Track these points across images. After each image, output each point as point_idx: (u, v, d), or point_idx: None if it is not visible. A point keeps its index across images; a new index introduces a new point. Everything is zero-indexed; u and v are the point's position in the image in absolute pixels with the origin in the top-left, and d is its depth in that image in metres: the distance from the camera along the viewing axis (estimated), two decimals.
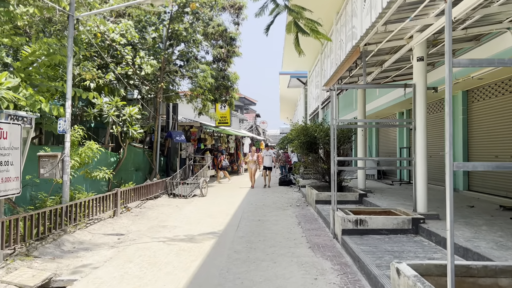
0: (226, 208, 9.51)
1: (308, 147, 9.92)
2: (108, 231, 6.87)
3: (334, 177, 6.09)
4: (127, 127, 10.57)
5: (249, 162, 14.28)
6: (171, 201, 10.75)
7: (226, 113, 19.27)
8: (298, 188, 13.59)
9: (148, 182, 11.22)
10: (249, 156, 14.62)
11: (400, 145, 13.71)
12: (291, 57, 20.54)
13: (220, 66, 16.87)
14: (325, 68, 16.22)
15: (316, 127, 9.97)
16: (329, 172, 10.09)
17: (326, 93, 15.76)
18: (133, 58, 11.81)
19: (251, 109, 44.60)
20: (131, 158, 12.31)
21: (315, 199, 8.77)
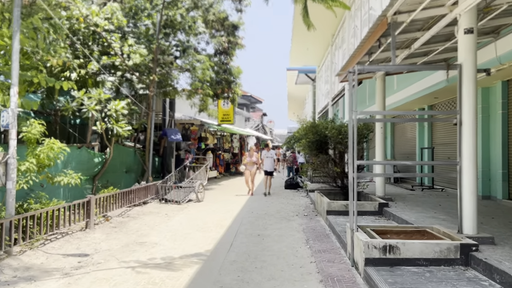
0: (222, 217, 8.17)
1: (317, 146, 8.52)
2: (71, 251, 5.57)
3: (354, 186, 4.70)
4: (112, 124, 9.32)
5: (247, 164, 12.03)
6: (161, 208, 9.45)
7: (229, 111, 17.94)
8: (305, 192, 12.18)
9: (137, 185, 9.93)
10: (246, 157, 12.27)
11: (421, 145, 12.23)
12: (299, 51, 19.14)
13: (222, 60, 15.58)
14: (335, 61, 14.80)
15: (326, 124, 8.57)
16: (342, 177, 8.69)
17: (337, 88, 14.35)
18: (121, 47, 10.54)
19: (258, 108, 43.25)
20: (120, 158, 11.05)
21: (326, 208, 7.37)
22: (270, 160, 12.22)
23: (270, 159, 12.22)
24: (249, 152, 12.26)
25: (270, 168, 12.23)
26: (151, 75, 11.07)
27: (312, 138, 8.26)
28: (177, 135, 12.08)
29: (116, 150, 10.71)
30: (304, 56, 20.44)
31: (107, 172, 10.42)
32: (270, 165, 12.20)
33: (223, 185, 15.57)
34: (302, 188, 13.56)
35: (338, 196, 9.18)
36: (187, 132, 17.00)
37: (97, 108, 8.83)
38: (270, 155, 12.30)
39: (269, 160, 12.20)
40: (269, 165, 12.19)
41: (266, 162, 12.20)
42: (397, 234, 4.88)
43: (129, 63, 10.07)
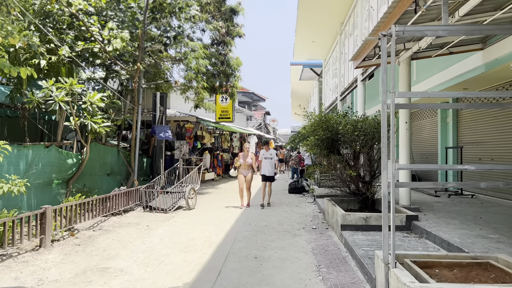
0: (214, 230, 6.76)
1: (328, 145, 7.09)
2: (4, 283, 4.18)
3: (392, 203, 3.28)
4: (86, 119, 7.96)
5: (241, 168, 9.49)
6: (143, 218, 8.05)
7: (228, 107, 16.54)
8: (313, 198, 10.75)
9: (116, 191, 8.55)
10: (239, 158, 9.52)
11: (444, 144, 10.75)
12: (303, 44, 17.70)
13: (219, 50, 14.18)
14: (345, 50, 13.34)
15: (339, 118, 7.14)
16: (357, 181, 7.25)
17: (347, 81, 12.88)
18: (100, 31, 9.18)
19: (260, 106, 41.82)
20: (101, 159, 9.68)
21: (340, 222, 5.94)
22: (269, 162, 9.72)
23: (270, 161, 9.72)
24: (243, 153, 9.55)
25: (270, 172, 9.72)
26: (137, 63, 9.68)
27: (322, 135, 6.83)
28: (167, 133, 10.70)
29: (94, 150, 9.35)
30: (309, 49, 18.97)
31: (84, 174, 9.06)
32: (269, 168, 9.73)
33: (221, 189, 14.16)
34: (308, 192, 12.13)
35: (352, 204, 7.76)
36: (182, 130, 15.64)
37: (67, 100, 7.46)
38: (269, 156, 9.76)
39: (268, 162, 9.72)
40: (268, 168, 9.73)
41: (264, 165, 9.75)
42: (449, 268, 3.45)
43: (109, 49, 8.68)
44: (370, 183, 7.43)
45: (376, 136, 6.97)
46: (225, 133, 18.77)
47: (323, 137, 6.85)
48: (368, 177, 7.55)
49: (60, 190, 8.53)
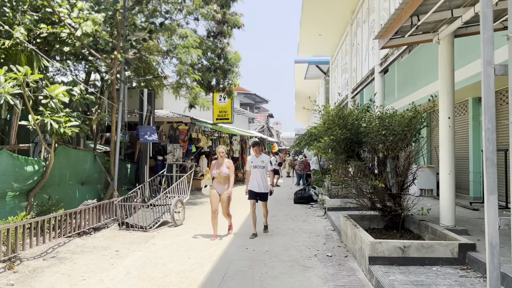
0: (199, 259, 5.20)
1: (346, 148, 5.53)
2: None
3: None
4: (46, 117, 6.47)
5: (214, 181, 6.60)
6: (116, 239, 6.51)
7: (227, 107, 15.03)
8: (323, 210, 9.16)
9: (86, 204, 7.03)
10: (212, 168, 6.62)
11: (478, 147, 9.15)
12: (309, 38, 16.19)
13: (216, 43, 12.70)
14: (358, 41, 11.80)
15: (362, 112, 5.57)
16: (383, 195, 5.66)
17: (360, 75, 11.33)
18: (70, 13, 7.72)
19: (263, 108, 40.31)
20: (71, 166, 8.17)
21: (368, 253, 4.34)
22: (260, 172, 6.59)
23: (261, 171, 6.61)
24: (217, 160, 6.56)
25: (262, 187, 6.59)
26: (118, 53, 8.17)
27: (339, 135, 5.26)
28: (153, 135, 9.18)
29: (63, 155, 7.85)
30: (315, 44, 17.46)
31: (50, 184, 7.56)
32: (261, 182, 6.58)
33: None
34: (317, 203, 10.54)
35: (376, 221, 6.19)
36: (176, 133, 14.14)
37: (18, 92, 5.97)
38: (260, 164, 6.60)
39: (259, 172, 6.58)
40: (260, 181, 6.57)
41: (254, 177, 6.60)
42: None
43: (77, 33, 7.19)
44: (399, 197, 5.86)
45: (408, 136, 5.41)
46: (224, 136, 17.24)
47: (340, 138, 5.29)
48: (395, 188, 5.98)
49: (20, 204, 7.03)
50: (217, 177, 6.53)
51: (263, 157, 6.77)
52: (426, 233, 5.35)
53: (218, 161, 6.60)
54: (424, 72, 9.65)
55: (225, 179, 6.52)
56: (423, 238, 5.40)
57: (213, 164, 6.67)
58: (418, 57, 10.33)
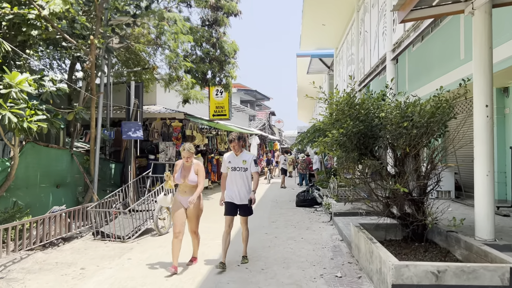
0: (177, 283, 4.23)
1: (358, 144, 4.52)
2: None
3: None
4: (4, 109, 5.54)
5: (178, 191, 4.85)
6: (86, 252, 5.54)
7: (224, 102, 14.04)
8: (328, 215, 8.16)
9: (55, 210, 6.08)
10: (177, 170, 4.81)
11: (503, 143, 8.13)
12: (312, 29, 15.18)
13: (211, 32, 11.75)
14: (366, 28, 10.77)
15: (378, 100, 4.56)
16: (402, 200, 4.67)
17: (369, 64, 10.31)
18: None
19: (265, 106, 39.29)
20: (43, 166, 7.22)
21: (392, 279, 3.33)
22: (241, 176, 4.82)
23: (243, 175, 4.83)
24: (181, 161, 4.84)
25: (242, 198, 4.81)
26: (95, 38, 7.19)
27: (351, 128, 4.25)
28: (137, 132, 8.22)
29: (32, 154, 6.91)
30: (319, 36, 16.45)
31: (17, 187, 6.63)
32: (242, 190, 4.84)
33: (213, 200, 11.62)
34: (321, 206, 9.55)
35: (392, 231, 5.22)
36: (169, 130, 13.17)
37: None
38: (240, 165, 4.83)
39: (239, 176, 4.82)
40: (240, 189, 4.83)
41: (233, 182, 4.84)
42: None
43: (44, 13, 6.22)
44: (421, 202, 4.86)
45: (434, 129, 4.41)
46: (221, 133, 16.26)
47: (352, 131, 4.28)
48: (416, 192, 4.97)
49: None
50: (181, 185, 4.74)
51: (245, 156, 4.89)
52: (458, 248, 4.35)
53: (183, 163, 4.75)
54: (441, 60, 8.63)
55: (191, 188, 4.71)
56: (454, 254, 4.41)
57: (177, 165, 4.80)
58: (432, 44, 9.30)
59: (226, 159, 4.95)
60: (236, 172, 4.85)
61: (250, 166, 4.88)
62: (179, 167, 4.79)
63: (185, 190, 4.75)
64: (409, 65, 11.03)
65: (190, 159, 4.73)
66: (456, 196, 9.26)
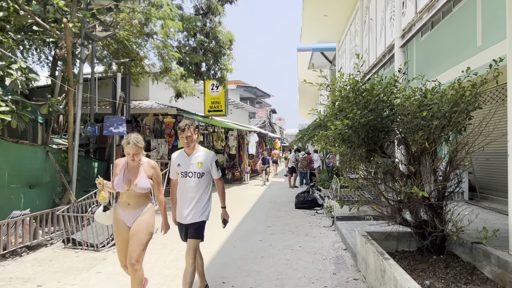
0: None
1: (367, 138, 3.76)
2: None
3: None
4: None
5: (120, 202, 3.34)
6: (51, 263, 4.81)
7: (220, 97, 13.29)
8: (330, 219, 7.40)
9: (15, 216, 5.35)
10: (117, 173, 3.31)
11: None
12: (313, 19, 14.37)
13: (205, 22, 11.00)
14: (371, 15, 9.99)
15: (390, 86, 3.80)
16: (417, 205, 3.93)
17: (375, 54, 9.54)
18: None
19: (265, 103, 38.52)
20: (12, 165, 6.49)
21: None
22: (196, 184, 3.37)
23: (198, 182, 3.37)
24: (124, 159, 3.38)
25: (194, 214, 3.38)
26: (70, 22, 6.44)
27: (358, 118, 3.49)
28: (120, 127, 7.49)
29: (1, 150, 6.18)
30: (320, 28, 15.67)
31: None
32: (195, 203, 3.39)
33: None
34: (322, 208, 8.80)
35: (405, 241, 4.50)
36: (162, 126, 12.46)
37: None
38: (194, 169, 3.36)
39: (195, 183, 3.36)
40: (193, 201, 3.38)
41: (183, 192, 3.39)
42: None
43: None
44: (440, 208, 4.12)
45: (459, 120, 3.66)
46: (218, 130, 15.52)
47: (359, 122, 3.52)
48: (434, 196, 4.22)
49: None
50: (124, 194, 3.30)
51: (201, 155, 3.40)
52: (487, 264, 3.60)
53: (129, 164, 3.32)
54: (453, 49, 7.85)
55: (139, 199, 3.29)
56: (481, 271, 3.66)
57: (117, 166, 3.36)
58: (443, 32, 8.52)
59: (174, 160, 3.47)
60: (189, 180, 3.34)
61: (209, 169, 3.42)
62: (120, 168, 3.32)
63: (129, 202, 3.27)
64: (417, 56, 10.24)
65: (138, 156, 3.27)
66: (470, 197, 8.49)
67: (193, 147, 3.43)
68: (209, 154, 3.48)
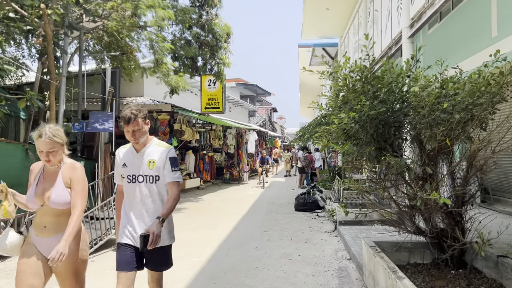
0: None
1: (377, 134, 3.22)
2: None
3: None
4: None
5: (34, 225, 2.43)
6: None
7: (217, 93, 12.76)
8: (333, 223, 6.86)
9: None
10: (32, 181, 2.46)
11: None
12: (315, 13, 13.81)
13: (201, 14, 10.49)
14: (376, 6, 9.43)
15: (403, 73, 3.26)
16: (432, 212, 3.40)
17: (380, 48, 8.98)
18: None
19: (266, 102, 37.97)
20: None
21: None
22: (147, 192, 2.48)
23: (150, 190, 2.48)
24: (41, 168, 2.50)
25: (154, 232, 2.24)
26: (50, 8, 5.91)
27: (368, 110, 2.95)
28: (106, 123, 6.97)
29: None
30: (322, 23, 15.11)
31: None
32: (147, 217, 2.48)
33: (203, 202, 10.36)
34: (324, 210, 8.26)
35: (418, 252, 3.98)
36: (156, 124, 11.92)
37: None
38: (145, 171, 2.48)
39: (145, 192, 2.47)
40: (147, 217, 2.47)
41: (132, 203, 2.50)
42: None
43: None
44: (459, 215, 3.59)
45: (484, 114, 3.14)
46: (215, 129, 14.99)
47: (368, 115, 2.98)
48: (452, 201, 3.68)
49: None
50: (39, 211, 2.45)
51: (153, 151, 2.52)
52: None
53: (46, 168, 2.47)
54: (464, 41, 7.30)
55: (59, 218, 2.40)
56: None
57: (32, 172, 2.51)
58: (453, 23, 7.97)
59: (119, 160, 2.56)
60: (138, 186, 2.47)
61: (163, 172, 2.47)
62: (35, 176, 2.47)
63: (45, 224, 2.37)
64: (425, 48, 9.68)
65: (55, 156, 2.36)
66: (482, 200, 7.93)
67: (145, 141, 2.50)
68: (163, 149, 2.52)
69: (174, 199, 2.41)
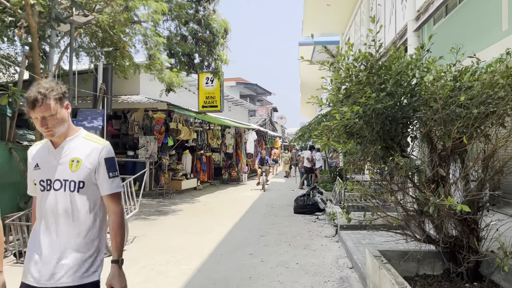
0: None
1: (383, 131, 2.86)
2: None
3: None
4: None
5: None
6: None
7: (215, 91, 12.39)
8: (334, 228, 6.49)
9: None
10: None
11: None
12: (315, 11, 13.50)
13: (197, 9, 10.13)
14: (379, 1, 9.07)
15: (413, 62, 2.90)
16: (445, 218, 3.03)
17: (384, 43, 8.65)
18: None
19: (266, 101, 37.60)
20: None
21: None
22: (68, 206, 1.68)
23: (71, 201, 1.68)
24: None
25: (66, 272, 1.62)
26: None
27: (374, 104, 2.58)
28: (95, 121, 6.61)
29: None
30: (323, 19, 14.79)
31: None
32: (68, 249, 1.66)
33: (199, 203, 10.00)
34: (324, 213, 7.90)
35: (427, 262, 3.62)
36: (152, 123, 11.58)
37: None
38: (66, 175, 1.70)
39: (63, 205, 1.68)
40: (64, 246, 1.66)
41: (43, 224, 1.71)
42: None
43: None
44: (474, 223, 3.25)
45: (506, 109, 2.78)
46: (214, 128, 14.63)
47: (374, 109, 2.62)
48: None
49: None
50: None
51: (78, 145, 1.76)
52: None
53: None
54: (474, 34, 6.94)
55: None
56: None
57: None
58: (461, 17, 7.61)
59: (31, 160, 1.82)
60: (54, 195, 1.71)
61: (96, 177, 1.76)
62: None
63: None
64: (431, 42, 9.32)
65: None
66: (491, 203, 7.54)
67: (66, 132, 1.74)
68: (95, 145, 1.77)
69: (119, 228, 1.73)
